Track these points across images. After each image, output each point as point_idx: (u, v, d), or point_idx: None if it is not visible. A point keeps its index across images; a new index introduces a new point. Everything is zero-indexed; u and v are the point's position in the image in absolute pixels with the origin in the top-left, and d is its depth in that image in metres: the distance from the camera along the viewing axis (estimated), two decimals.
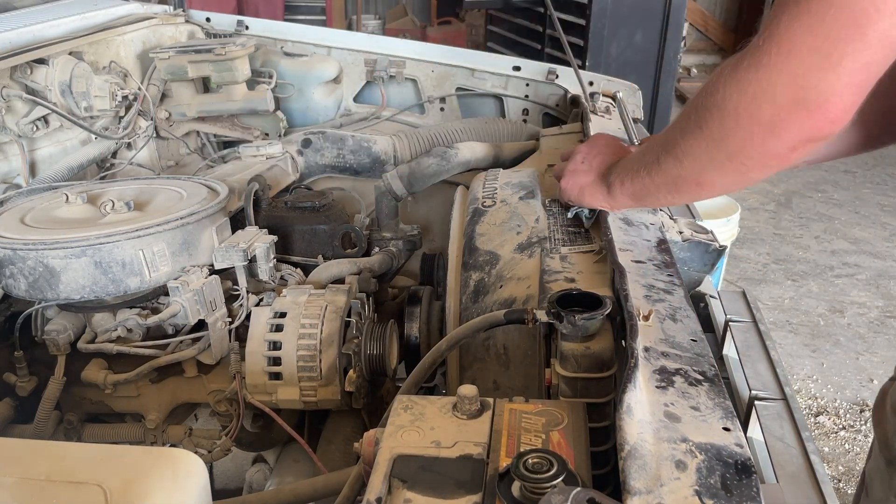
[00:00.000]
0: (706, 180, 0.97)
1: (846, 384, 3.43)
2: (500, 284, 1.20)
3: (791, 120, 0.82)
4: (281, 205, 1.63)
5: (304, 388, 1.28)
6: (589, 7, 5.07)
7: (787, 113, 0.82)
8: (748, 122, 0.85)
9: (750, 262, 4.58)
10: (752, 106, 0.84)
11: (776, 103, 0.82)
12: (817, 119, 0.81)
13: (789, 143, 0.84)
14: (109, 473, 0.67)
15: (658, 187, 1.07)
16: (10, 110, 1.70)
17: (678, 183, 1.02)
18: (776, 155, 0.87)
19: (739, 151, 0.89)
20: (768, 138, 0.85)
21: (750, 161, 0.89)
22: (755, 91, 0.83)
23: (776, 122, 0.83)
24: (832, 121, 0.81)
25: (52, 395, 1.36)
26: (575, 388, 0.91)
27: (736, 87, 0.85)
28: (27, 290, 1.26)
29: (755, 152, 0.87)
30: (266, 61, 2.24)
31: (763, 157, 0.88)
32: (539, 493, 0.65)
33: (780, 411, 1.23)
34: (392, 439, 0.76)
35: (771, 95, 0.82)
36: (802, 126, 0.82)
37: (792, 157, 0.87)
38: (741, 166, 0.90)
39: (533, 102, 2.16)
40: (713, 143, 0.91)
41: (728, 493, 0.65)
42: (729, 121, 0.87)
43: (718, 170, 0.94)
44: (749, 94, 0.84)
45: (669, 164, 1.01)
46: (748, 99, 0.84)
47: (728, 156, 0.90)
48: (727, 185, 0.98)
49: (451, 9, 8.48)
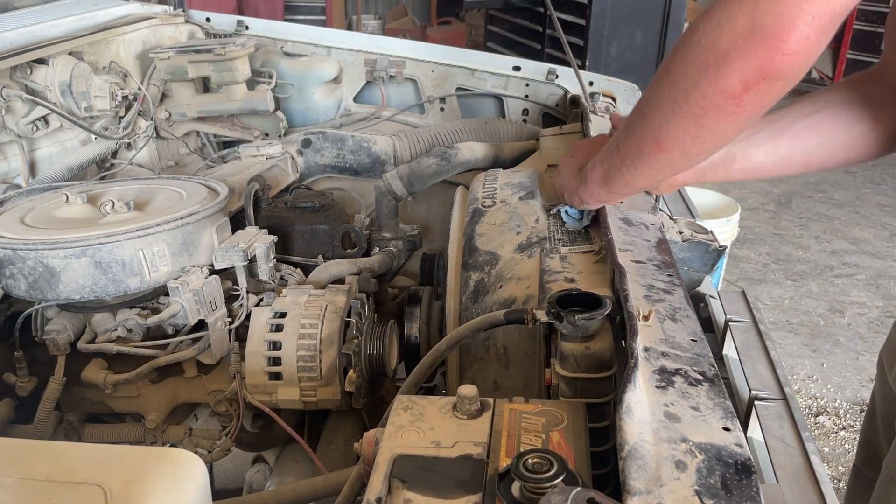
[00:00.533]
0: (664, 135, 0.95)
1: (846, 384, 3.43)
2: (500, 284, 1.20)
3: (745, 48, 0.81)
4: (281, 205, 1.63)
5: (304, 388, 1.28)
6: (589, 7, 5.08)
7: (742, 40, 0.81)
8: (706, 52, 0.85)
9: (750, 262, 4.58)
10: (713, 34, 0.84)
11: (735, 30, 0.81)
12: (771, 49, 0.80)
13: (742, 75, 0.83)
14: (109, 473, 0.67)
15: (623, 159, 1.06)
16: (10, 110, 1.70)
17: (640, 146, 1.01)
18: (729, 93, 0.85)
19: (695, 86, 0.87)
20: (722, 68, 0.84)
21: (704, 100, 0.87)
22: (719, 18, 0.83)
23: (731, 50, 0.82)
24: (785, 53, 0.80)
25: (52, 395, 1.36)
26: (575, 388, 0.91)
27: (703, 19, 0.86)
28: (27, 291, 1.26)
29: (709, 87, 0.86)
30: (266, 61, 2.24)
31: (716, 93, 0.86)
32: (539, 493, 0.65)
33: (780, 411, 1.23)
34: (392, 439, 0.76)
35: (732, 22, 0.81)
36: (755, 55, 0.81)
37: (745, 100, 0.85)
38: (697, 108, 0.89)
39: (533, 102, 2.16)
40: (673, 82, 0.90)
41: (728, 493, 0.65)
42: (691, 52, 0.87)
43: (676, 117, 0.92)
44: (713, 21, 0.84)
45: (635, 123, 1.01)
46: (712, 27, 0.84)
47: (685, 93, 0.89)
48: (685, 143, 0.95)
49: (451, 9, 8.50)
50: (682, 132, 0.93)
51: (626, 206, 1.30)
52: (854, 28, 7.17)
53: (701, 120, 0.90)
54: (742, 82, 0.84)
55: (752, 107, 0.86)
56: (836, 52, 7.49)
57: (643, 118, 0.98)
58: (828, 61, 7.60)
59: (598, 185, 1.16)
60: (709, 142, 0.94)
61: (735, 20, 0.81)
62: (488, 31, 7.09)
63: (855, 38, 7.25)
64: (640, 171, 1.06)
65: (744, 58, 0.82)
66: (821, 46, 0.80)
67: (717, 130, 0.91)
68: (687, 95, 0.89)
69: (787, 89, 0.86)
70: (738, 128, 0.91)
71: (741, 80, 0.84)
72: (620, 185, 1.13)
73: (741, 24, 0.81)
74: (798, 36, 0.79)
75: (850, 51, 7.34)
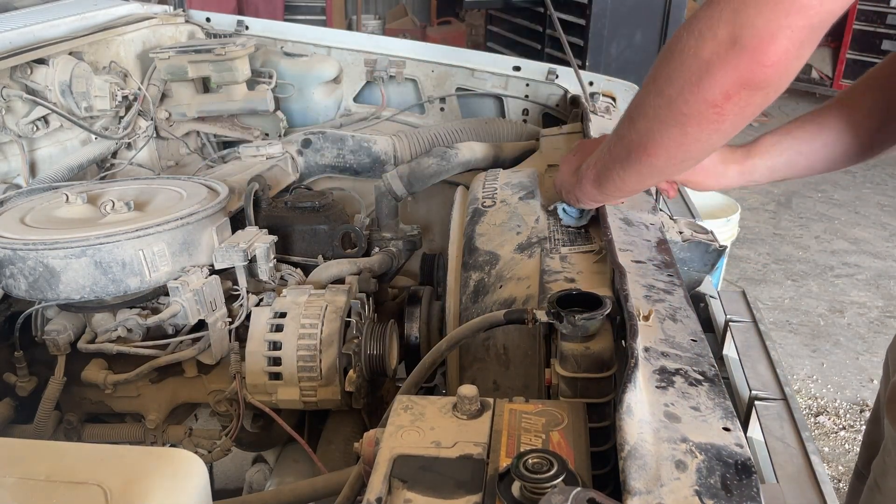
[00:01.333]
0: (650, 141, 0.96)
1: (846, 384, 3.43)
2: (500, 284, 1.20)
3: (726, 58, 0.81)
4: (281, 205, 1.63)
5: (304, 388, 1.28)
6: (589, 7, 5.08)
7: (724, 50, 0.81)
8: (689, 60, 0.85)
9: (750, 262, 4.58)
10: (696, 43, 0.84)
11: (716, 39, 0.81)
12: (750, 61, 0.80)
13: (723, 85, 0.83)
14: (109, 473, 0.67)
15: (613, 162, 1.07)
16: (10, 110, 1.70)
17: (629, 150, 1.01)
18: (711, 102, 0.85)
19: (679, 94, 0.88)
20: (704, 77, 0.84)
21: (686, 107, 0.88)
22: (701, 28, 0.83)
23: (713, 59, 0.82)
24: (765, 65, 0.80)
25: (52, 395, 1.36)
26: (575, 388, 0.91)
27: (687, 27, 0.86)
28: (27, 291, 1.27)
29: (692, 96, 0.86)
30: (266, 61, 2.24)
31: (698, 102, 0.86)
32: (539, 494, 0.65)
33: (780, 411, 1.23)
34: (392, 439, 0.76)
35: (713, 31, 0.82)
36: (736, 66, 0.81)
37: (726, 109, 0.86)
38: (680, 116, 0.89)
39: (533, 102, 2.16)
40: (658, 89, 0.91)
41: (728, 493, 0.65)
42: (675, 60, 0.87)
43: (661, 125, 0.93)
44: (696, 30, 0.84)
45: (625, 128, 1.01)
46: (695, 36, 0.84)
47: (669, 101, 0.90)
48: (671, 150, 0.96)
49: (451, 9, 8.50)
50: (667, 139, 0.94)
51: (627, 206, 1.30)
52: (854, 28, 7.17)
53: (685, 127, 0.91)
54: (723, 92, 0.84)
55: (735, 115, 0.87)
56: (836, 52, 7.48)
57: (631, 123, 1.00)
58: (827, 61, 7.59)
59: (592, 186, 1.18)
60: (694, 149, 0.95)
61: (716, 31, 0.81)
62: (488, 31, 7.10)
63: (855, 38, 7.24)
64: (628, 175, 1.07)
65: (725, 68, 0.82)
66: (802, 58, 0.81)
67: (700, 138, 0.92)
68: (671, 103, 0.90)
69: (771, 99, 0.86)
70: (722, 136, 0.92)
71: (722, 89, 0.84)
72: (611, 187, 1.14)
73: (722, 35, 0.81)
74: (777, 49, 0.79)
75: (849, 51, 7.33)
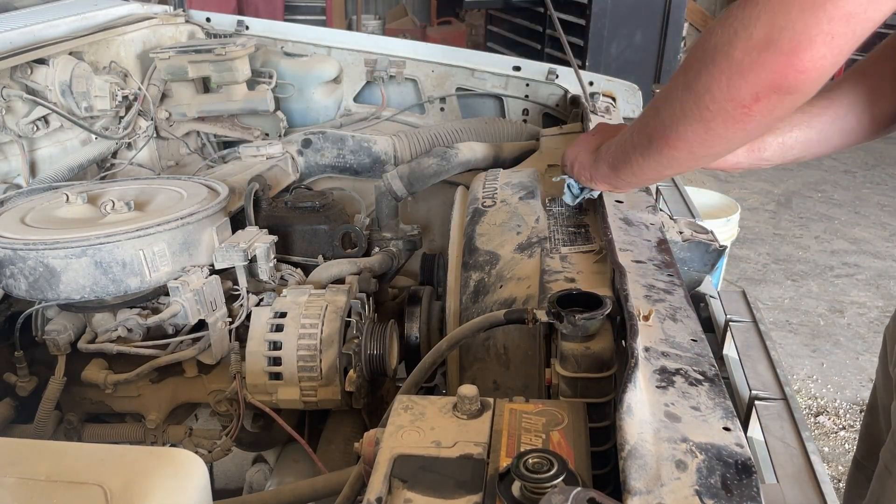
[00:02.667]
0: (673, 133, 0.96)
1: (846, 384, 3.43)
2: (500, 284, 1.20)
3: (760, 60, 0.80)
4: (281, 205, 1.63)
5: (304, 388, 1.28)
6: (589, 7, 5.08)
7: (757, 52, 0.80)
8: (721, 58, 0.84)
9: (750, 262, 4.58)
10: (729, 42, 0.83)
11: (751, 40, 0.80)
12: (785, 64, 0.79)
13: (754, 86, 0.82)
14: (109, 473, 0.67)
15: (634, 148, 1.07)
16: (10, 110, 1.70)
17: (651, 139, 1.01)
18: (740, 102, 0.85)
19: (706, 90, 0.87)
20: (734, 77, 0.83)
21: (714, 104, 0.87)
22: (736, 27, 0.82)
23: (745, 60, 0.81)
24: (800, 70, 0.79)
25: (53, 395, 1.36)
26: (575, 388, 0.91)
27: (720, 24, 0.85)
28: (27, 290, 1.26)
29: (720, 94, 0.86)
30: (266, 61, 2.24)
31: (726, 100, 0.86)
32: (539, 493, 0.65)
33: (780, 411, 1.23)
34: (392, 439, 0.76)
35: (748, 32, 0.80)
36: (769, 68, 0.80)
37: (755, 110, 0.85)
38: (706, 111, 0.89)
39: (533, 102, 2.16)
40: (686, 83, 0.90)
41: (728, 493, 0.65)
42: (706, 56, 0.86)
43: (686, 119, 0.92)
44: (730, 29, 0.83)
45: (650, 117, 1.01)
46: (728, 34, 0.83)
47: (696, 96, 0.89)
48: (693, 144, 0.95)
49: (451, 9, 8.49)
50: (691, 133, 0.94)
51: (627, 206, 1.30)
52: None
53: (710, 124, 0.90)
54: (753, 93, 0.83)
55: (762, 117, 0.86)
56: None
57: (657, 113, 0.99)
58: None
59: (609, 168, 1.18)
60: (716, 145, 0.94)
61: (751, 30, 0.80)
62: (488, 31, 7.10)
63: None
64: (647, 164, 1.07)
65: (756, 70, 0.81)
66: (836, 65, 0.79)
67: (725, 136, 0.91)
68: (698, 98, 0.89)
69: (800, 103, 0.85)
70: (746, 135, 0.91)
71: (752, 91, 0.83)
72: (628, 173, 1.14)
73: (757, 35, 0.79)
74: (814, 54, 0.77)
75: None
